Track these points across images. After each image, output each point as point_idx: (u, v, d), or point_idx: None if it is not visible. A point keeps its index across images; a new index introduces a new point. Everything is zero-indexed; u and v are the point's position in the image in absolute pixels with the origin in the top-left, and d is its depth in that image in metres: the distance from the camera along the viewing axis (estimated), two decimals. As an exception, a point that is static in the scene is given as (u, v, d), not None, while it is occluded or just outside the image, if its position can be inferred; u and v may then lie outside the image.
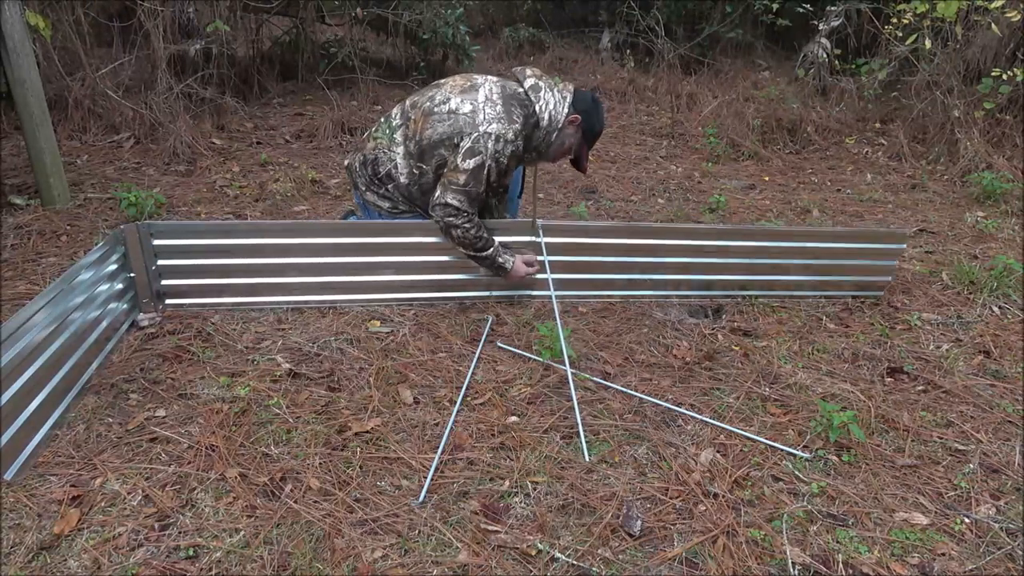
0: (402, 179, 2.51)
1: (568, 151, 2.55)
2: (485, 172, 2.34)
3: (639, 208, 3.86)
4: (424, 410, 2.01)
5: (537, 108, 2.42)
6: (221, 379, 2.11)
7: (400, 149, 2.48)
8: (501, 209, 2.80)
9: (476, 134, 2.32)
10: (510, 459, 1.82)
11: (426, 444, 1.86)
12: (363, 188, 2.60)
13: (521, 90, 2.46)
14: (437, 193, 2.40)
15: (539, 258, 2.56)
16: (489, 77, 2.51)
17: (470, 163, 2.32)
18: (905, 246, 2.74)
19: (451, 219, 2.39)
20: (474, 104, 2.37)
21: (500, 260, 2.49)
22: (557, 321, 2.19)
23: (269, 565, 1.47)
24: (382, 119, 2.58)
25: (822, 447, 1.90)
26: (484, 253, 2.47)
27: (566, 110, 2.43)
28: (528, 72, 2.52)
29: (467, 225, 2.40)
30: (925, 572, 1.52)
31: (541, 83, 2.46)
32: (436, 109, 2.40)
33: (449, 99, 2.40)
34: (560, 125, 2.43)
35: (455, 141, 2.37)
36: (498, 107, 2.36)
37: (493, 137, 2.32)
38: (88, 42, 4.43)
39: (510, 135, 2.34)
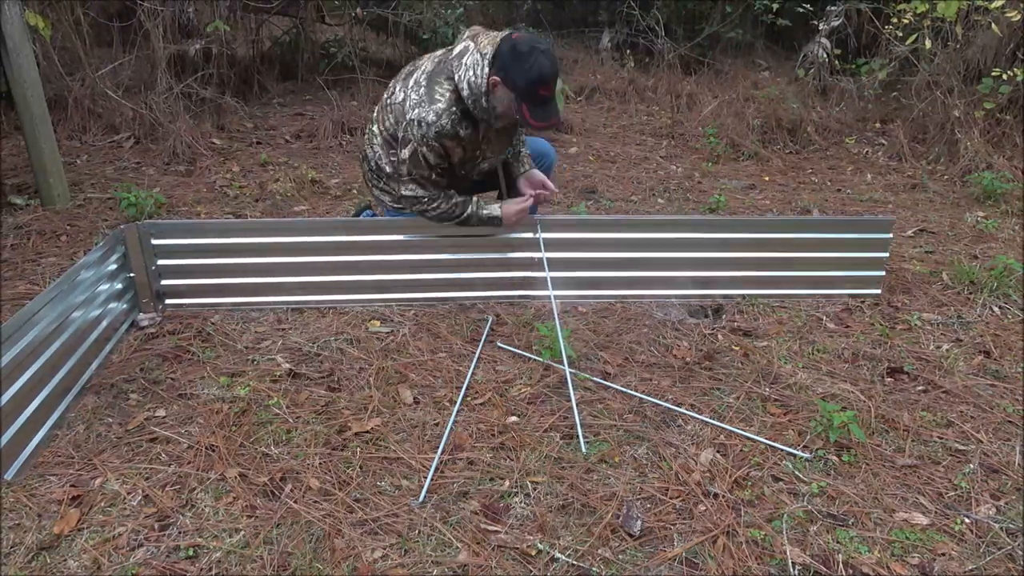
0: (387, 168, 2.53)
1: (511, 113, 2.26)
2: (421, 159, 2.30)
3: (639, 208, 3.86)
4: (424, 410, 2.01)
5: (456, 79, 2.24)
6: (221, 379, 2.11)
7: (378, 140, 2.51)
8: (523, 146, 2.67)
9: (404, 122, 2.30)
10: (510, 459, 1.82)
11: (426, 444, 1.87)
12: (369, 184, 2.66)
13: (451, 59, 2.30)
14: (397, 186, 2.42)
15: (537, 255, 2.55)
16: (437, 53, 2.39)
17: (405, 152, 2.31)
18: (891, 235, 2.73)
19: (418, 207, 2.41)
20: (405, 91, 2.34)
21: (484, 212, 2.45)
22: (556, 321, 2.19)
23: (269, 565, 1.47)
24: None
25: (822, 447, 1.90)
26: (465, 215, 2.44)
27: (485, 72, 2.19)
28: (466, 34, 2.33)
29: (433, 205, 2.40)
30: (925, 572, 1.52)
31: (470, 44, 2.25)
32: (388, 101, 2.43)
33: (395, 88, 2.41)
34: (484, 91, 2.20)
35: (397, 132, 2.38)
36: (421, 90, 2.28)
37: (416, 123, 2.25)
38: (88, 42, 4.43)
39: (431, 117, 2.23)
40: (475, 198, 2.47)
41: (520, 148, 2.67)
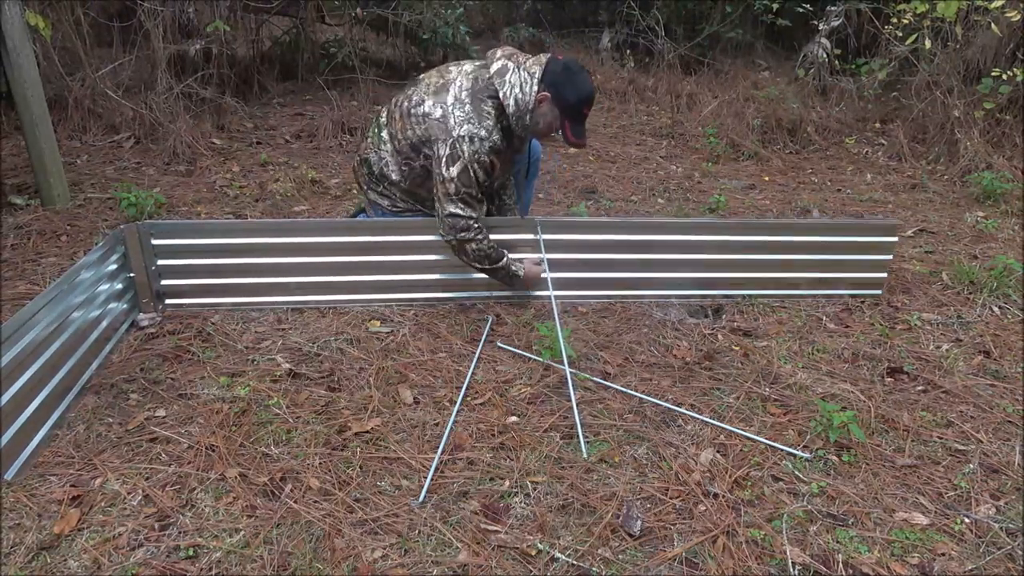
0: (393, 176, 2.52)
1: (551, 129, 2.41)
2: (472, 175, 2.31)
3: (639, 208, 3.86)
4: (424, 410, 2.01)
5: (501, 95, 2.31)
6: (221, 379, 2.11)
7: (388, 147, 2.49)
8: (510, 199, 2.77)
9: (451, 139, 2.29)
10: (510, 459, 1.82)
11: (426, 444, 1.87)
12: (365, 187, 2.64)
13: (490, 78, 2.37)
14: (438, 208, 2.39)
15: (537, 256, 2.56)
16: (464, 69, 2.42)
17: (454, 170, 2.30)
18: (896, 239, 2.73)
19: (464, 233, 2.37)
20: (444, 108, 2.33)
21: (513, 268, 2.50)
22: (556, 321, 2.19)
23: (269, 565, 1.47)
24: (374, 118, 2.61)
25: (822, 447, 1.90)
26: (499, 264, 2.46)
27: (534, 89, 2.30)
28: (499, 54, 2.40)
29: (479, 236, 2.39)
30: (925, 572, 1.52)
31: (509, 64, 2.34)
32: (413, 111, 2.41)
33: (424, 101, 2.39)
34: (531, 107, 2.31)
35: (433, 147, 2.36)
36: (467, 107, 2.31)
37: (467, 139, 2.28)
38: (88, 42, 4.43)
39: (483, 133, 2.29)
40: (507, 252, 2.50)
41: (506, 199, 2.74)
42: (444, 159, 2.31)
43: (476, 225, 2.38)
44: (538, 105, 2.33)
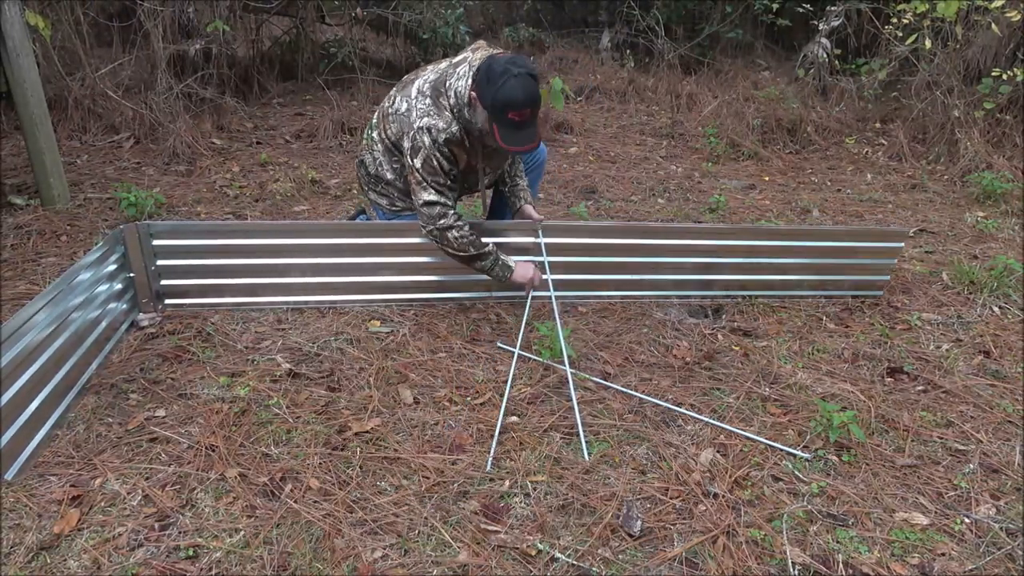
0: (388, 175, 2.53)
1: (486, 130, 2.25)
2: (436, 164, 2.30)
3: (639, 208, 3.86)
4: (424, 410, 2.01)
5: (447, 85, 2.27)
6: (221, 379, 2.11)
7: (379, 147, 2.51)
8: (523, 179, 2.72)
9: (412, 131, 2.30)
10: (510, 459, 1.82)
11: (426, 444, 1.86)
12: (365, 188, 2.65)
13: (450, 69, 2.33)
14: (414, 200, 2.38)
15: (539, 259, 2.55)
16: (440, 65, 2.40)
17: (418, 160, 2.31)
18: (903, 245, 2.74)
19: (443, 220, 2.34)
20: (408, 101, 2.35)
21: (503, 259, 2.45)
22: (557, 321, 2.19)
23: (269, 565, 1.47)
24: (369, 120, 2.63)
25: (822, 447, 1.90)
26: (484, 251, 2.44)
27: (468, 84, 2.22)
28: (472, 46, 2.37)
29: (459, 223, 2.36)
30: (925, 572, 1.52)
31: (469, 55, 2.30)
32: (390, 109, 2.43)
33: (396, 97, 2.42)
34: (466, 102, 2.24)
35: (403, 141, 2.37)
36: (427, 99, 2.31)
37: (425, 131, 2.27)
38: (88, 42, 4.43)
39: (441, 124, 2.27)
40: (493, 244, 2.45)
41: (518, 180, 2.70)
42: (408, 151, 2.33)
43: (452, 212, 2.37)
44: (472, 103, 2.23)
